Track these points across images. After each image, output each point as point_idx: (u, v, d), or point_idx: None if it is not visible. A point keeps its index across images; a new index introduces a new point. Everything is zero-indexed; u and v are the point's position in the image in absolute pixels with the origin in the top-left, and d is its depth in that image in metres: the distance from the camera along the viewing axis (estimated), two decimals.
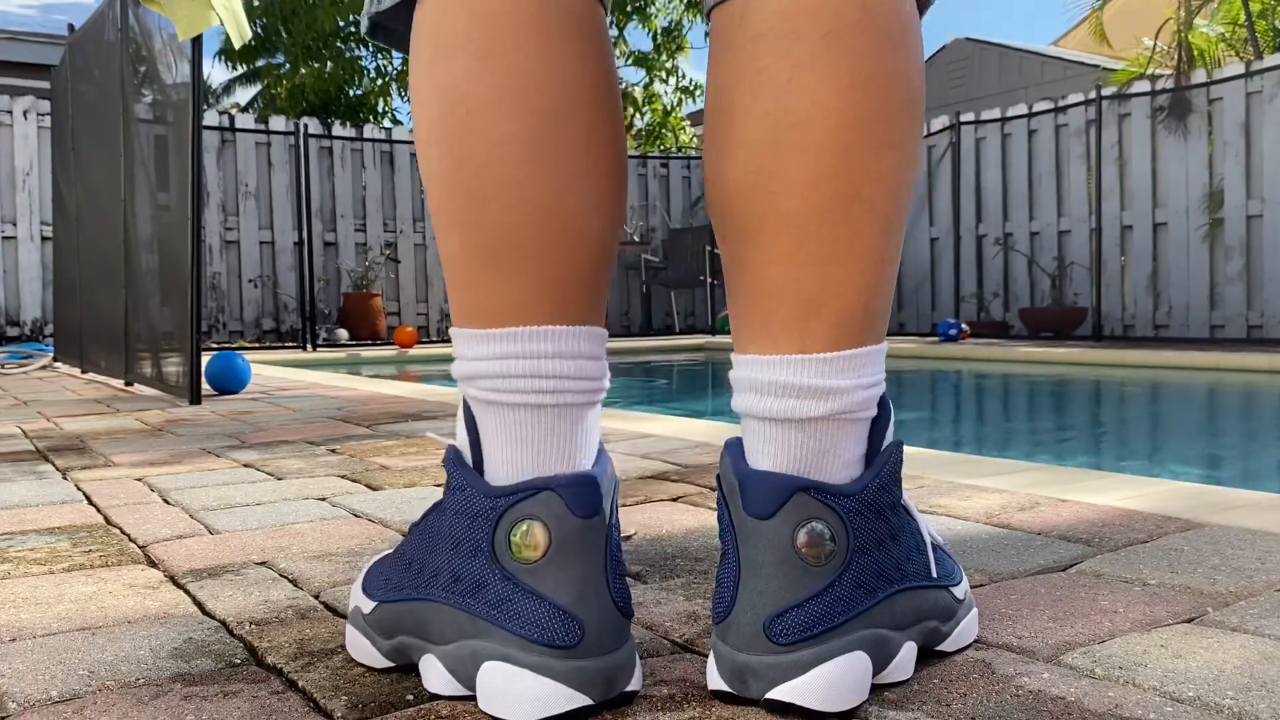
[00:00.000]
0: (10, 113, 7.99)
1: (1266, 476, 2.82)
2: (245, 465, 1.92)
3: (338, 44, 13.41)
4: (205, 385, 3.59)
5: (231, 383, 3.66)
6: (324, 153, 9.14)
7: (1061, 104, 8.64)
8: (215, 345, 8.18)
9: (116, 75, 4.12)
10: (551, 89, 0.71)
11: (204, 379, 3.53)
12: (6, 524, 1.41)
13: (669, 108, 14.15)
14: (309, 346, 8.21)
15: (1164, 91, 7.91)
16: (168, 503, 1.55)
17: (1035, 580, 1.01)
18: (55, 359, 5.94)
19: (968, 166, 9.22)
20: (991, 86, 14.74)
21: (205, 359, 3.58)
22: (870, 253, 0.72)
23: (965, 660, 0.79)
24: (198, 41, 3.28)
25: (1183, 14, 8.56)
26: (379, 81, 13.82)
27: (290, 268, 8.89)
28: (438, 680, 0.72)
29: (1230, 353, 5.89)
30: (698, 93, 14.11)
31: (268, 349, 8.11)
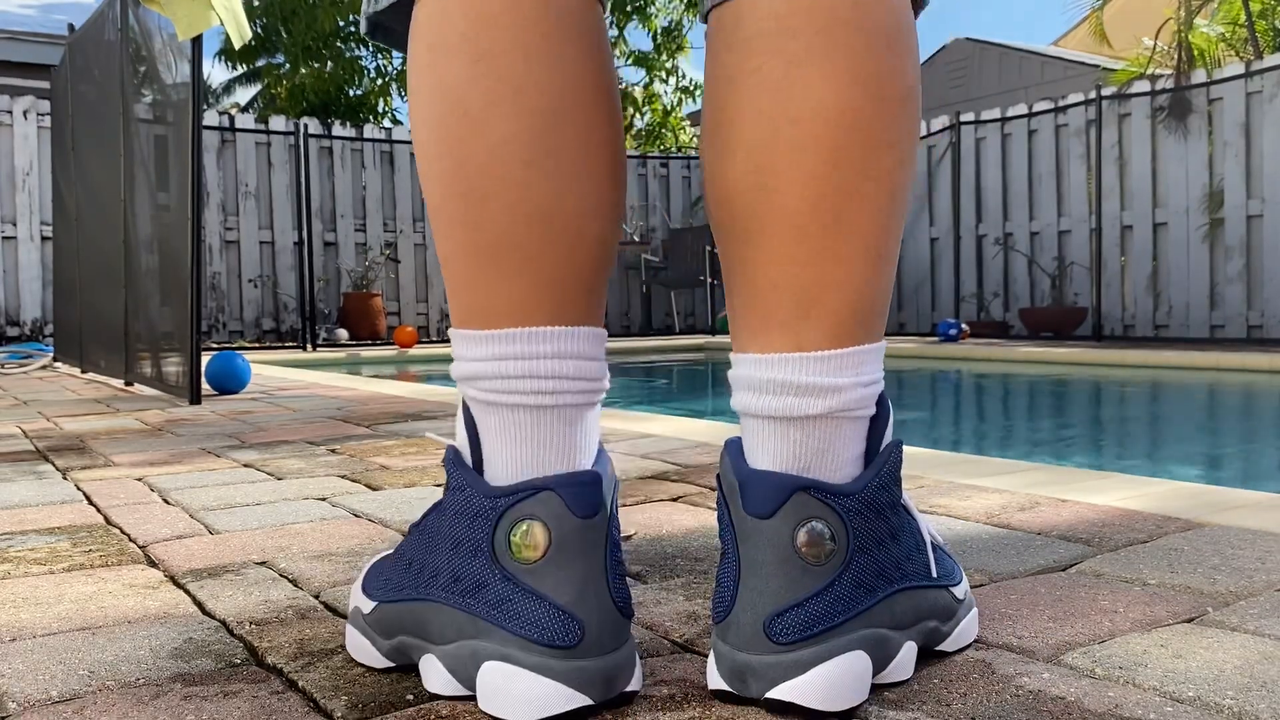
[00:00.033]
0: (10, 113, 7.99)
1: (1266, 476, 2.82)
2: (245, 465, 1.92)
3: (338, 44, 13.41)
4: (205, 385, 3.59)
5: (231, 383, 3.66)
6: (324, 153, 9.14)
7: (1061, 104, 8.64)
8: (215, 345, 8.19)
9: (116, 75, 4.12)
10: (550, 90, 0.71)
11: (204, 379, 3.53)
12: (6, 524, 1.41)
13: (669, 108, 14.16)
14: (309, 346, 8.21)
15: (1164, 91, 7.92)
16: (168, 503, 1.55)
17: (1035, 580, 1.01)
18: (55, 359, 5.94)
19: (968, 166, 9.22)
20: (991, 86, 14.74)
21: (205, 359, 3.58)
22: (867, 250, 0.72)
23: (965, 660, 0.79)
24: (198, 41, 3.28)
25: (1183, 14, 8.56)
26: (379, 81, 13.82)
27: (290, 268, 8.89)
28: (438, 680, 0.72)
29: (1230, 353, 5.89)
30: (698, 93, 14.11)
31: (268, 349, 8.11)
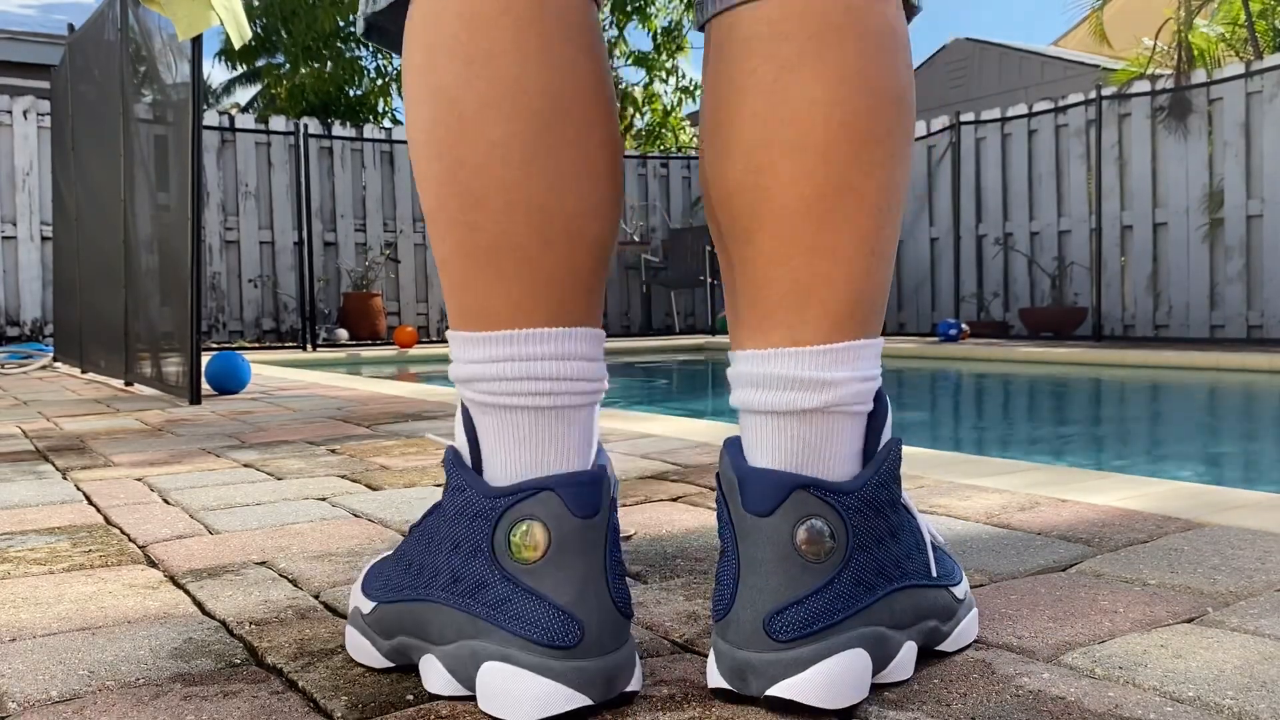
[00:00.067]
0: (10, 113, 7.99)
1: (1266, 476, 2.82)
2: (245, 465, 1.92)
3: (338, 44, 13.42)
4: (205, 385, 3.59)
5: (231, 383, 3.66)
6: (324, 153, 9.14)
7: (1061, 104, 8.64)
8: (215, 345, 8.19)
9: (116, 75, 4.12)
10: (547, 91, 0.70)
11: (204, 379, 3.53)
12: (6, 524, 1.41)
13: (669, 108, 14.15)
14: (309, 346, 8.21)
15: (1164, 91, 7.92)
16: (168, 503, 1.55)
17: (1035, 580, 1.01)
18: (55, 359, 5.94)
19: (968, 166, 9.22)
20: (991, 86, 14.74)
21: (205, 359, 3.58)
22: (862, 246, 0.73)
23: (965, 660, 0.79)
24: (198, 41, 3.28)
25: (1183, 14, 8.56)
26: (379, 81, 13.83)
27: (290, 268, 8.89)
28: (438, 680, 0.72)
29: (1230, 353, 5.89)
30: (697, 93, 14.10)
31: (268, 349, 8.11)
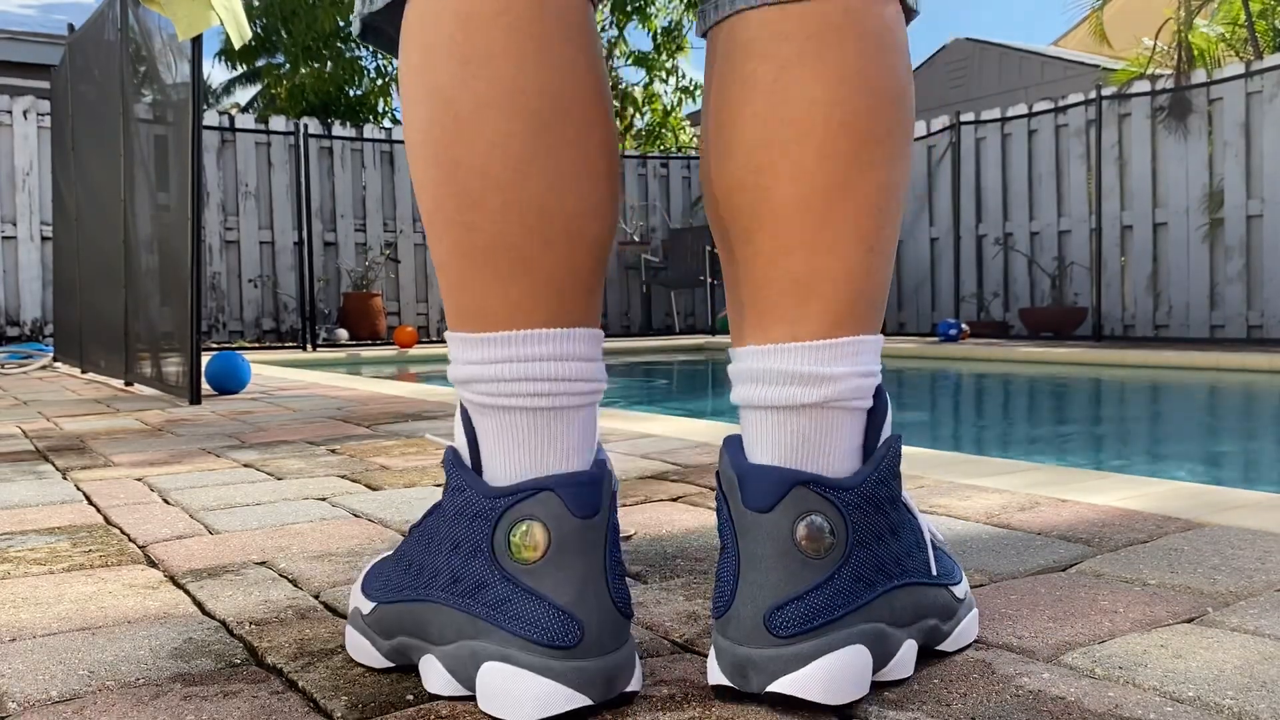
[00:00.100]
0: (10, 113, 7.99)
1: (1266, 476, 2.82)
2: (245, 465, 1.92)
3: (338, 44, 13.41)
4: (205, 385, 3.59)
5: (231, 383, 3.66)
6: (324, 153, 9.14)
7: (1061, 104, 8.64)
8: (215, 345, 8.19)
9: (116, 75, 4.12)
10: (544, 92, 0.70)
11: (204, 379, 3.53)
12: (6, 524, 1.41)
13: (669, 108, 14.15)
14: (309, 346, 8.21)
15: (1164, 91, 7.92)
16: (168, 503, 1.55)
17: (1035, 580, 1.01)
18: (55, 359, 5.94)
19: (968, 166, 9.22)
20: (991, 86, 14.74)
21: (205, 359, 3.58)
22: (861, 243, 0.74)
23: (965, 660, 0.79)
24: (198, 41, 3.28)
25: (1183, 14, 8.56)
26: (379, 81, 13.82)
27: (290, 268, 8.89)
28: (438, 681, 0.72)
29: (1230, 353, 5.89)
30: (697, 93, 14.10)
31: (268, 349, 8.11)
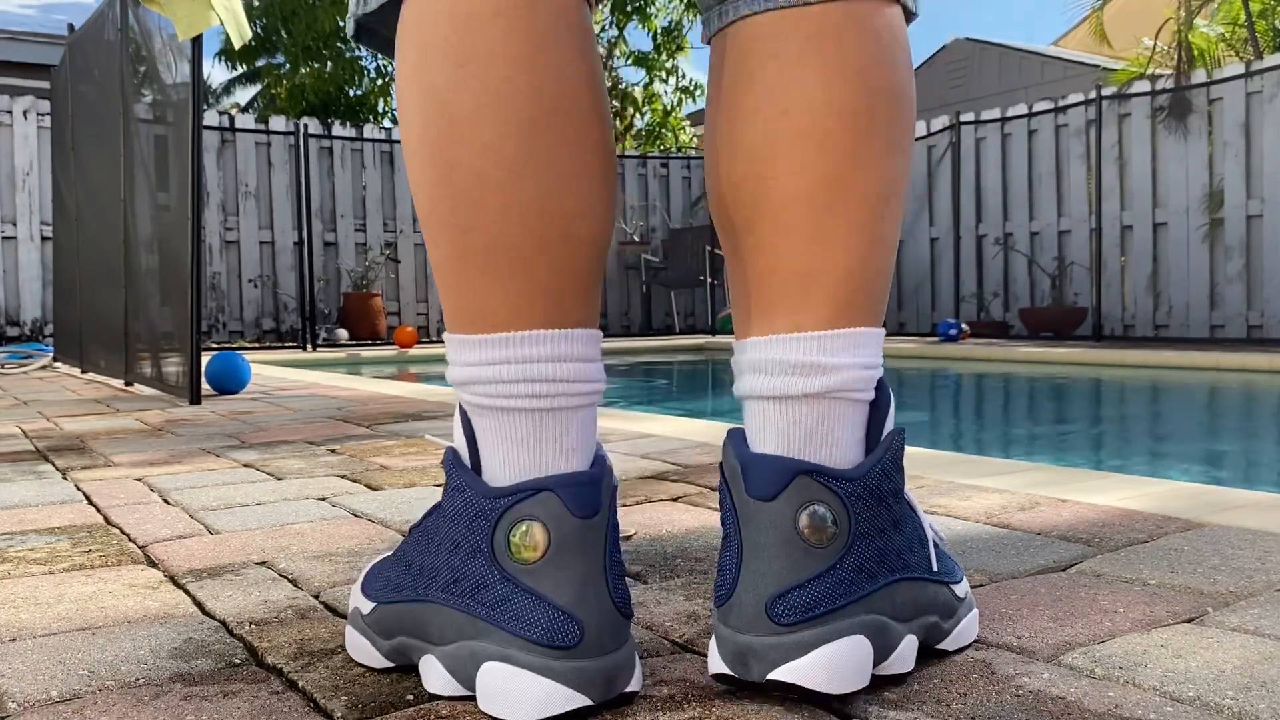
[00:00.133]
0: (10, 113, 7.99)
1: (1266, 476, 2.82)
2: (245, 465, 1.92)
3: (338, 44, 13.41)
4: (205, 385, 3.59)
5: (231, 383, 3.66)
6: (324, 153, 9.14)
7: (1061, 104, 8.64)
8: (215, 345, 8.19)
9: (116, 75, 4.12)
10: (540, 93, 0.70)
11: (204, 379, 3.53)
12: (6, 524, 1.41)
13: (669, 108, 14.14)
14: (309, 346, 8.21)
15: (1164, 91, 7.91)
16: (168, 503, 1.55)
17: (1035, 580, 1.01)
18: (55, 359, 5.94)
19: (968, 166, 9.22)
20: (991, 86, 14.74)
21: (205, 359, 3.58)
22: (862, 235, 0.75)
23: (965, 660, 0.79)
24: (198, 41, 3.28)
25: (1183, 14, 8.56)
26: (379, 81, 13.82)
27: (290, 268, 8.89)
28: (437, 681, 0.72)
29: (1230, 353, 5.89)
30: (698, 93, 14.10)
31: (268, 349, 8.11)
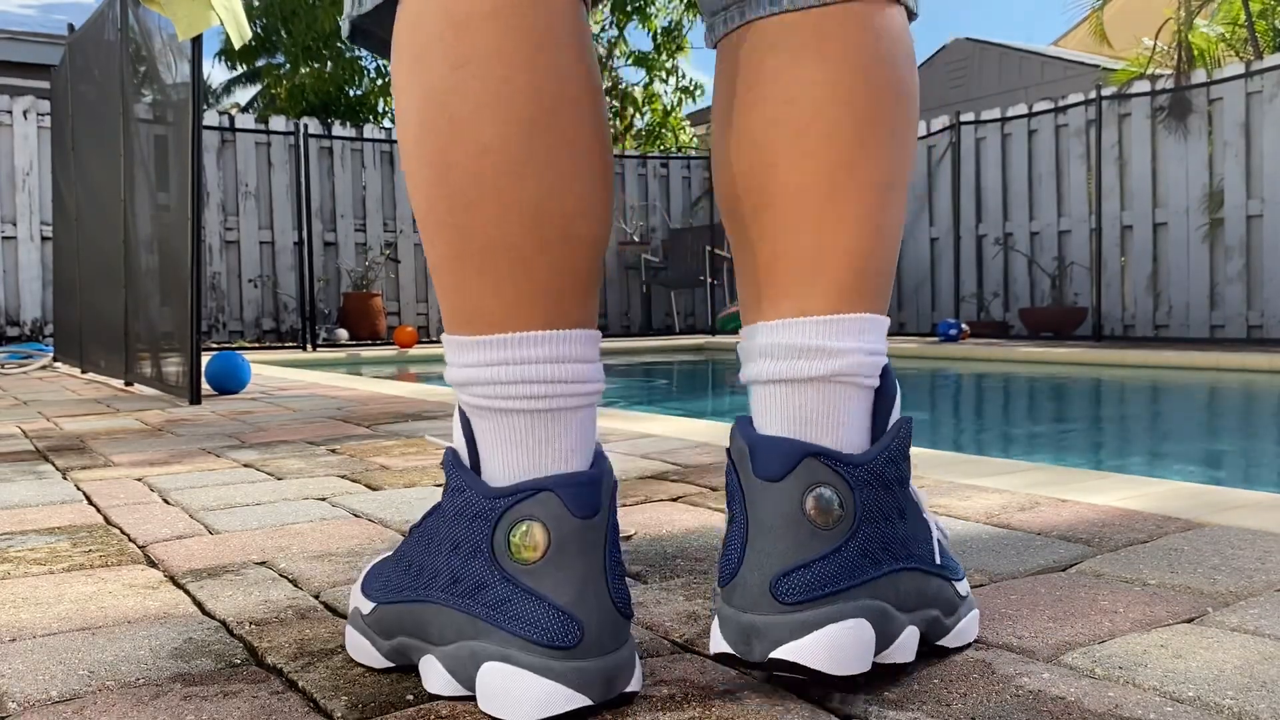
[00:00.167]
0: (10, 113, 7.99)
1: (1266, 476, 2.82)
2: (245, 465, 1.92)
3: (338, 44, 13.41)
4: (205, 385, 3.59)
5: (231, 383, 3.66)
6: (324, 153, 9.14)
7: (1061, 104, 8.64)
8: (215, 345, 8.18)
9: (116, 75, 4.12)
10: (537, 94, 0.70)
11: (204, 379, 3.53)
12: (6, 524, 1.41)
13: (669, 108, 14.14)
14: (309, 346, 8.21)
15: (1164, 91, 7.91)
16: (168, 503, 1.55)
17: (1035, 580, 1.01)
18: (55, 359, 5.94)
19: (968, 166, 9.22)
20: (991, 86, 14.74)
21: (205, 359, 3.58)
22: (866, 221, 0.76)
23: (965, 660, 0.79)
24: (198, 41, 3.28)
25: (1183, 14, 8.56)
26: (379, 81, 13.82)
27: (290, 268, 8.89)
28: (438, 681, 0.72)
29: (1230, 353, 5.89)
30: (698, 93, 14.10)
31: (268, 349, 8.11)
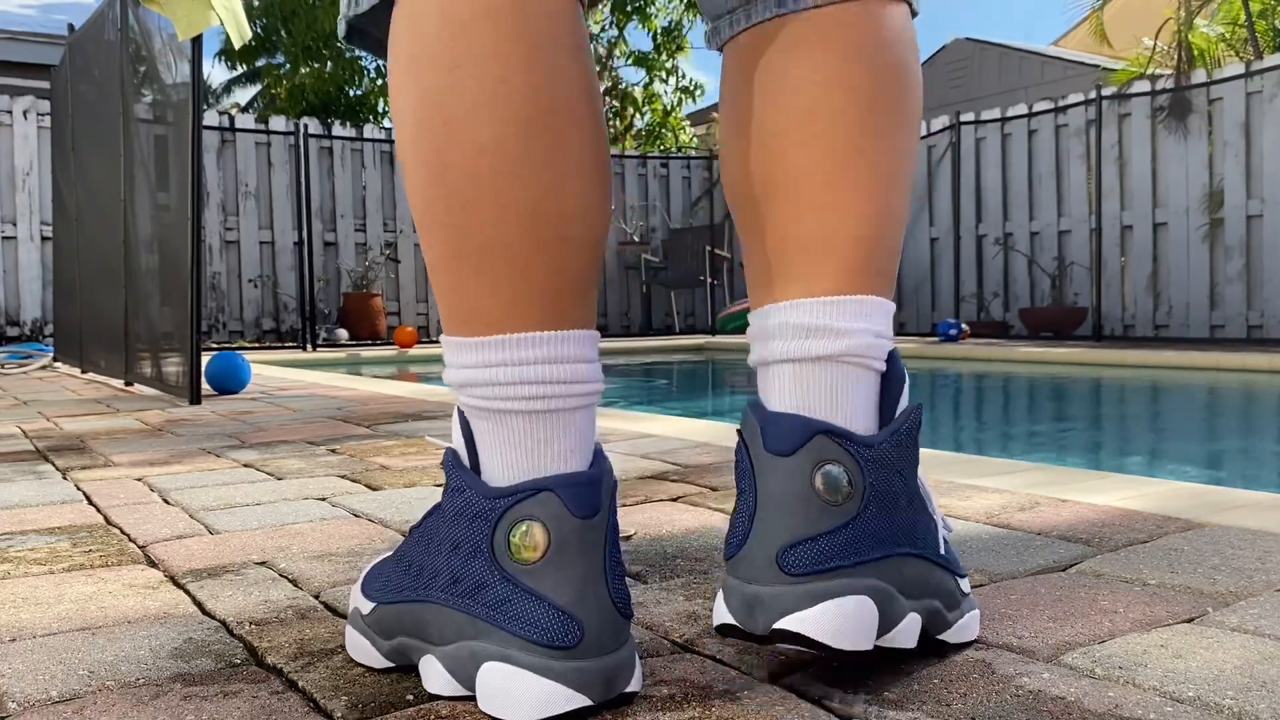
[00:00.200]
0: (10, 113, 7.99)
1: (1266, 476, 2.82)
2: (245, 465, 1.92)
3: (338, 44, 13.41)
4: (205, 385, 3.59)
5: (231, 383, 3.66)
6: (324, 153, 9.14)
7: (1061, 104, 8.64)
8: (215, 345, 8.18)
9: (116, 75, 4.12)
10: (533, 95, 0.70)
11: (204, 379, 3.53)
12: (6, 524, 1.41)
13: (669, 108, 14.13)
14: (309, 346, 8.21)
15: (1164, 91, 7.91)
16: (168, 503, 1.55)
17: (1035, 580, 1.01)
18: (55, 359, 5.94)
19: (968, 166, 9.22)
20: (991, 86, 14.73)
21: (205, 359, 3.58)
22: (871, 206, 0.77)
23: (965, 660, 0.79)
24: (198, 41, 3.28)
25: (1183, 14, 8.55)
26: (379, 81, 13.82)
27: (290, 268, 8.89)
28: (438, 681, 0.72)
29: (1230, 353, 5.89)
30: (698, 93, 14.10)
31: (268, 349, 8.11)
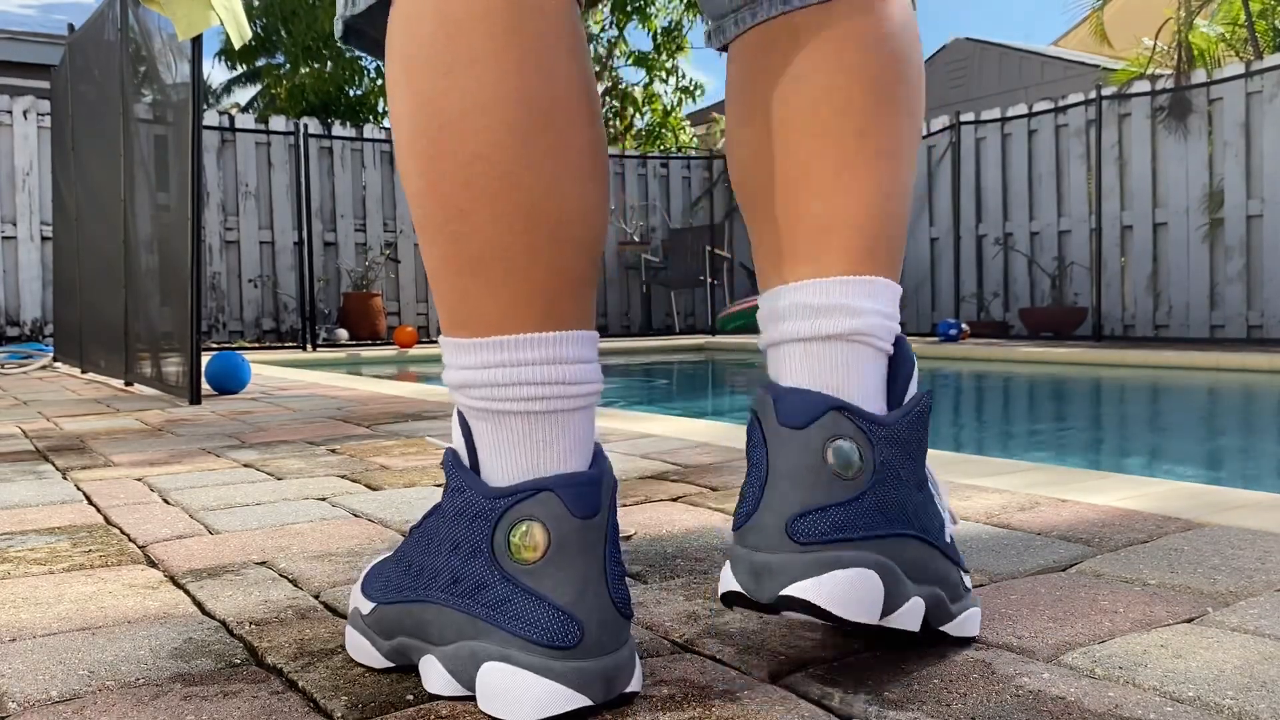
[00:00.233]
0: (10, 113, 7.99)
1: (1266, 476, 2.82)
2: (245, 465, 1.92)
3: (338, 44, 13.39)
4: (205, 385, 3.59)
5: (231, 383, 3.66)
6: (324, 153, 9.14)
7: (1061, 104, 8.64)
8: (215, 345, 8.18)
9: (116, 75, 4.12)
10: (530, 98, 0.70)
11: (204, 379, 3.53)
12: (6, 524, 1.41)
13: (669, 108, 14.13)
14: (309, 346, 8.21)
15: (1164, 91, 7.91)
16: (168, 503, 1.55)
17: (1035, 580, 1.01)
18: (55, 359, 5.94)
19: (968, 166, 9.22)
20: (991, 86, 14.73)
21: (205, 359, 3.58)
22: (877, 188, 0.78)
23: (965, 660, 0.79)
24: (198, 41, 3.28)
25: (1183, 14, 8.55)
26: (379, 81, 13.81)
27: (290, 268, 8.89)
28: (438, 681, 0.72)
29: (1230, 353, 5.89)
30: (698, 93, 14.10)
31: (268, 349, 8.11)
